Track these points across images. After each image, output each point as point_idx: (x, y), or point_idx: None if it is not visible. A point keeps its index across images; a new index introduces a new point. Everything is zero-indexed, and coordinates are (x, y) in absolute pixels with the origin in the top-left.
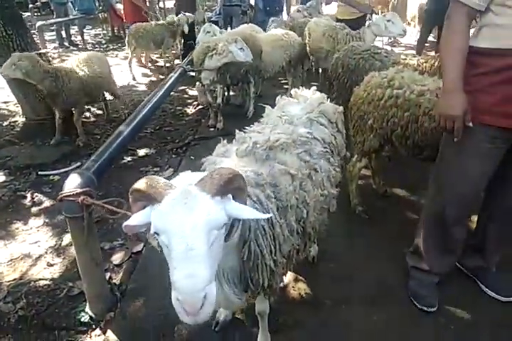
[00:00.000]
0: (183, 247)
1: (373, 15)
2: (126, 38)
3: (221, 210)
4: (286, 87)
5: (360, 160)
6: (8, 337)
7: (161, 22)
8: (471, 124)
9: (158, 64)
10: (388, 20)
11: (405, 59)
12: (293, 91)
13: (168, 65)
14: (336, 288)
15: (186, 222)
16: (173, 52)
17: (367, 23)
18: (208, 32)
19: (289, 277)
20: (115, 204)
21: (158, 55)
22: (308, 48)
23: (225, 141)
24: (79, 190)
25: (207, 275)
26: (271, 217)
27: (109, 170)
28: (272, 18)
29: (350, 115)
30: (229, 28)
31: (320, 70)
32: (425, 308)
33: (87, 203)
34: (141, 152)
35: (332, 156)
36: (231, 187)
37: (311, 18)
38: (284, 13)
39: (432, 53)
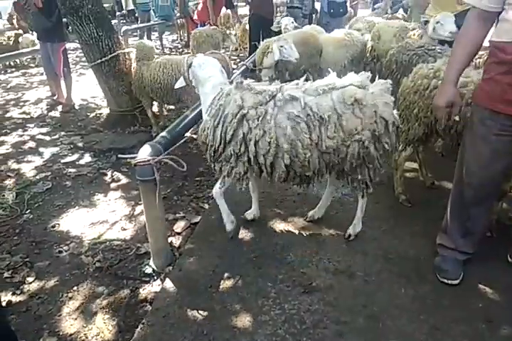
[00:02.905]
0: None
1: None
2: (191, 42)
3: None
4: None
5: (405, 149)
6: (87, 282)
7: (213, 27)
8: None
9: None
10: (437, 22)
11: None
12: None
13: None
14: (368, 263)
15: None
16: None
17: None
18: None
19: (324, 250)
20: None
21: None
22: (374, 51)
23: None
24: (149, 158)
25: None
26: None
27: (174, 145)
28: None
29: (397, 105)
30: None
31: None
32: (446, 280)
33: (157, 160)
34: None
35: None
36: None
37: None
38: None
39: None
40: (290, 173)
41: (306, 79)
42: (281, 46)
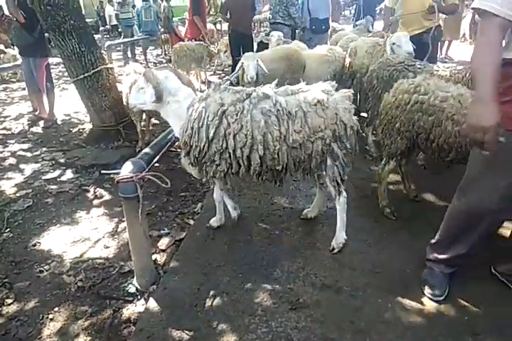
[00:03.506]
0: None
1: None
2: (172, 57)
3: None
4: None
5: (388, 162)
6: (68, 302)
7: (197, 42)
8: (502, 139)
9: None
10: (393, 43)
11: (438, 70)
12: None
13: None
14: (356, 277)
15: None
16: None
17: None
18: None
19: (311, 264)
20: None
21: (211, 73)
22: (352, 68)
23: None
24: (132, 174)
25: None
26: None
27: (157, 161)
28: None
29: (379, 120)
30: None
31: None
32: (431, 296)
33: (139, 177)
34: None
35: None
36: None
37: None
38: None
39: None
40: (263, 167)
41: None
42: (242, 63)
